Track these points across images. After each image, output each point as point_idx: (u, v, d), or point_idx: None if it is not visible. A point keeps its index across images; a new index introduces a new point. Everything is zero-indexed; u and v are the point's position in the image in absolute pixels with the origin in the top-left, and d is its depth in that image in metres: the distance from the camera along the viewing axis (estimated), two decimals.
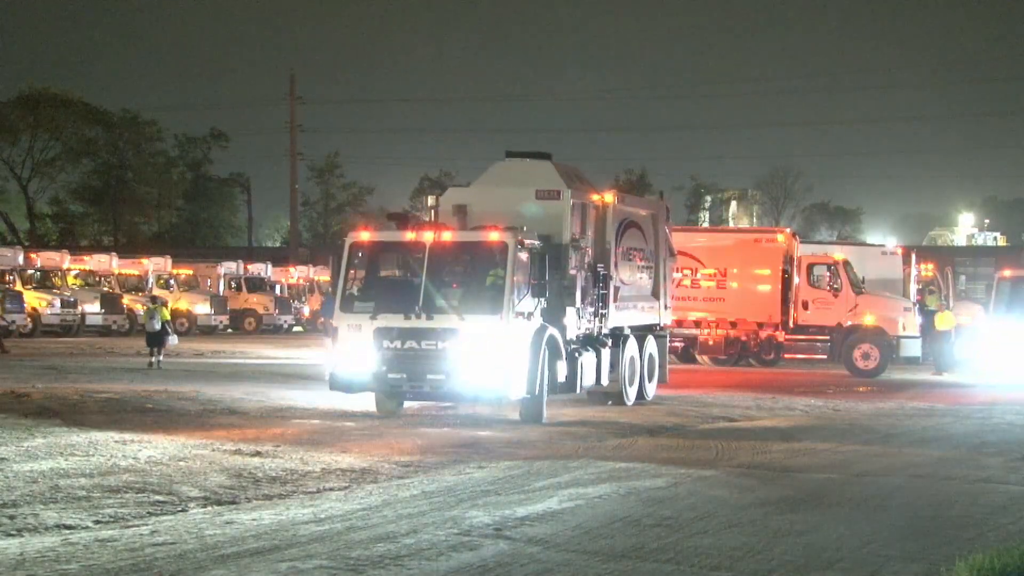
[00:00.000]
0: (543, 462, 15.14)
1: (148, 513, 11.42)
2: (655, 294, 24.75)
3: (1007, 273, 32.22)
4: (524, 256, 19.36)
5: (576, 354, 20.68)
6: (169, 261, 52.33)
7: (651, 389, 24.04)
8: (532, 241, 19.66)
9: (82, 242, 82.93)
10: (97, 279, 48.37)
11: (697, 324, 34.81)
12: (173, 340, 31.78)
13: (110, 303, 45.95)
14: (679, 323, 34.74)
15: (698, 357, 36.06)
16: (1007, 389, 28.00)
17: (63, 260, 47.78)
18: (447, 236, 19.54)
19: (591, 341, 21.42)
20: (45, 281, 45.31)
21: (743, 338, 34.89)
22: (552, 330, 19.78)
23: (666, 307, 25.29)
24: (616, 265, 22.38)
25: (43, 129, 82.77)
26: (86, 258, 50.84)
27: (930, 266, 41.08)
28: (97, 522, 10.96)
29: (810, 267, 35.25)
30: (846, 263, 35.57)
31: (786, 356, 35.49)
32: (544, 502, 12.23)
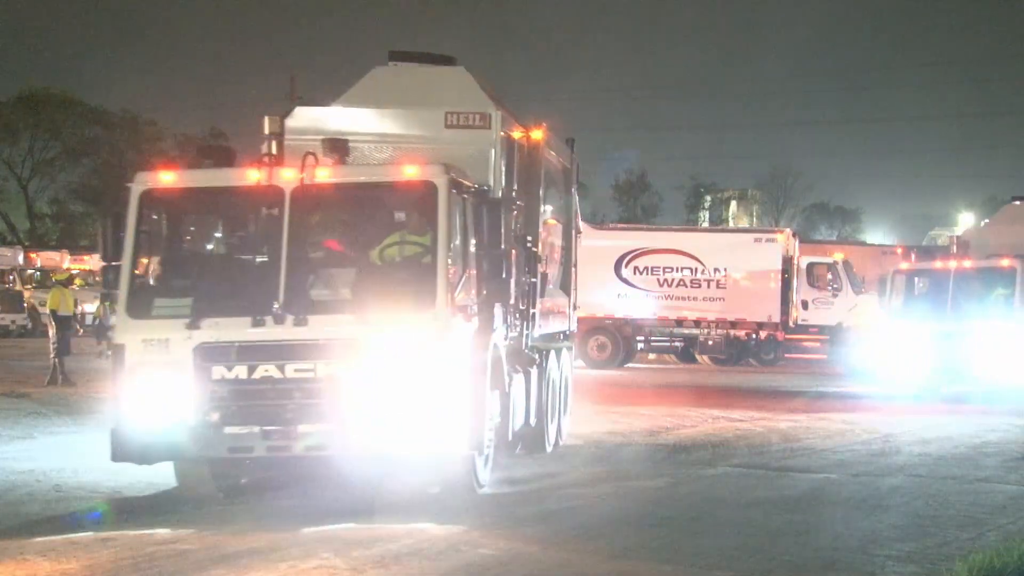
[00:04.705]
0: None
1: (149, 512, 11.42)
2: (565, 287, 17.29)
3: (903, 267, 28.07)
4: (464, 210, 11.95)
5: (508, 379, 13.27)
6: None
7: (566, 425, 17.08)
8: (472, 184, 12.30)
9: (82, 242, 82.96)
10: (97, 279, 48.44)
11: (697, 324, 34.83)
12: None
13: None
14: (679, 323, 34.86)
15: (698, 357, 36.14)
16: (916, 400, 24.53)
17: (63, 260, 47.85)
18: (324, 176, 11.53)
19: (519, 358, 14.18)
20: (45, 281, 45.41)
21: (743, 338, 34.92)
22: (495, 339, 12.57)
23: (575, 307, 18.13)
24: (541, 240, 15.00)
25: (43, 129, 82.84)
26: (86, 258, 50.93)
27: None
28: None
29: (810, 267, 35.34)
30: (846, 263, 35.67)
31: (786, 356, 35.57)
32: (544, 502, 12.24)
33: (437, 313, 11.19)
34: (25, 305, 42.76)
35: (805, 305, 34.93)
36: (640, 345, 35.50)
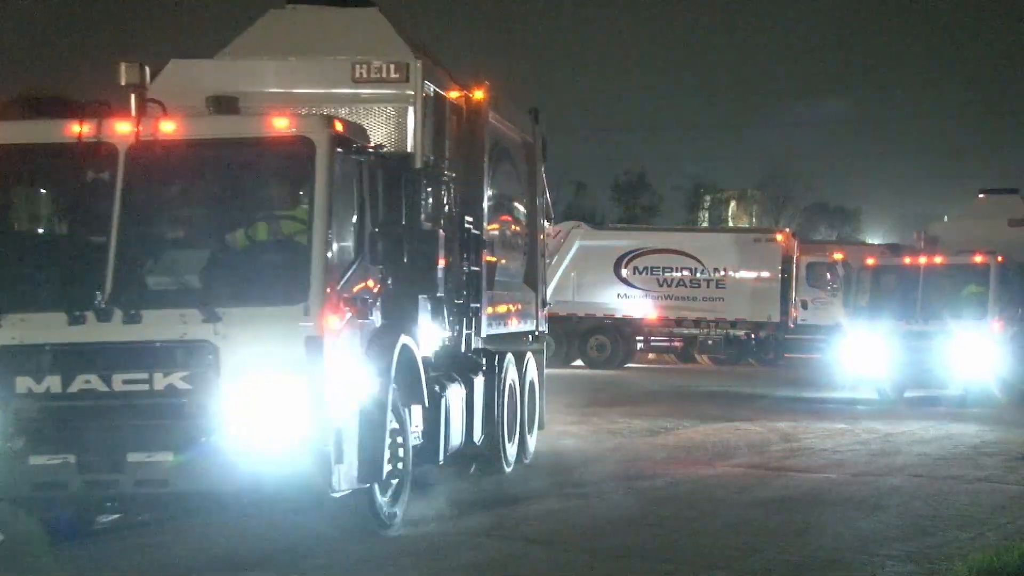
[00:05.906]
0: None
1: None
2: (530, 281, 14.86)
3: (870, 263, 25.97)
4: (360, 178, 9.66)
5: (438, 389, 11.26)
6: None
7: (532, 442, 14.86)
8: (367, 143, 9.98)
9: None
10: None
11: (697, 324, 34.87)
12: None
13: None
14: (679, 323, 34.89)
15: (697, 357, 36.18)
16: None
17: None
18: (169, 129, 9.15)
19: (457, 364, 12.05)
20: None
21: (743, 338, 34.95)
22: (406, 340, 10.20)
23: (544, 303, 15.53)
24: (487, 223, 12.74)
25: None
26: None
27: None
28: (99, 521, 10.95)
29: (810, 267, 35.42)
30: (846, 263, 35.72)
31: (786, 356, 35.63)
32: (544, 502, 12.25)
33: (311, 306, 8.77)
34: None
35: (805, 305, 34.99)
36: (640, 345, 35.54)
